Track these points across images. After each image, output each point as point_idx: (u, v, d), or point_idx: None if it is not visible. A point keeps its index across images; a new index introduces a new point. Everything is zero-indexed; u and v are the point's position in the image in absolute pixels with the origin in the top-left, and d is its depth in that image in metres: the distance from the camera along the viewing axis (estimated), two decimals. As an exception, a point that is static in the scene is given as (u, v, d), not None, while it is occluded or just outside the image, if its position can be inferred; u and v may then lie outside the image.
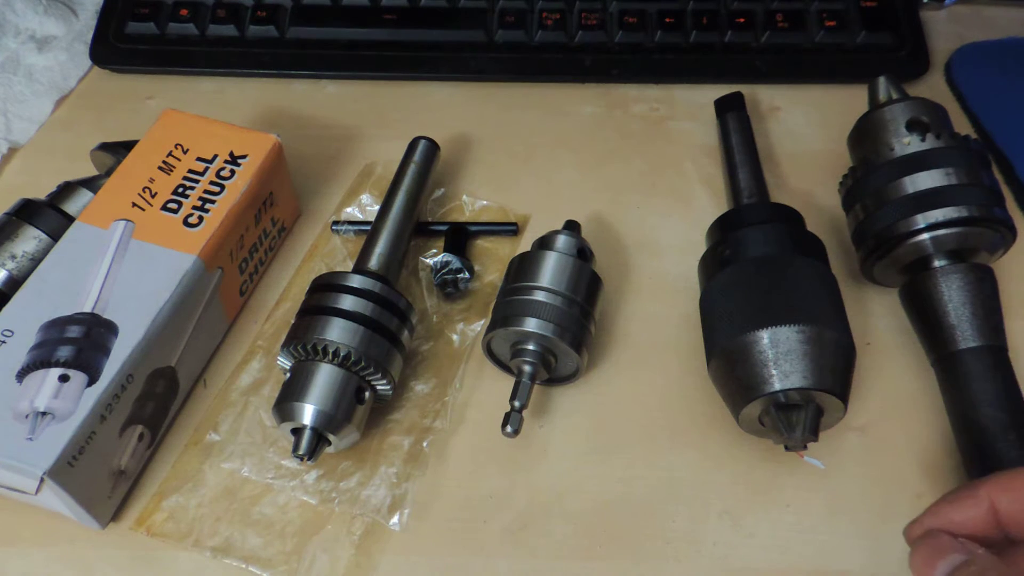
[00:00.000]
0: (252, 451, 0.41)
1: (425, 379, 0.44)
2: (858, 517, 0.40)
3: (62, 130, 0.55)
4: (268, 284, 0.48)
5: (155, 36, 0.58)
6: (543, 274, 0.42)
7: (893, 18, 0.57)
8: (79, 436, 0.35)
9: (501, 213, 0.51)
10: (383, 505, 0.40)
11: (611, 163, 0.53)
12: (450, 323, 0.46)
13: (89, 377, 0.36)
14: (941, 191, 0.41)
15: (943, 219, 0.41)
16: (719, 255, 0.43)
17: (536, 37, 0.57)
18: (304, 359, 0.40)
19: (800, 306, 0.38)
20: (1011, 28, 0.59)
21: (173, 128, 0.45)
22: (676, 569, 0.39)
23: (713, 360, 0.40)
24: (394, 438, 0.42)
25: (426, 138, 0.49)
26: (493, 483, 0.41)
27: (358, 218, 0.50)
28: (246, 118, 0.55)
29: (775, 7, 0.58)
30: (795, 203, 0.46)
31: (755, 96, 0.56)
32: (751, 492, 0.40)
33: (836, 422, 0.39)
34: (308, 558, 0.38)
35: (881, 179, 0.43)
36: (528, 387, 0.40)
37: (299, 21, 0.58)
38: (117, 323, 0.38)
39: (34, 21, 0.59)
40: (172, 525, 0.39)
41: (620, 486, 0.41)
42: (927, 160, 0.42)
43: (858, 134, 0.47)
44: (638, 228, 0.50)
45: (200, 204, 0.42)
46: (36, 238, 0.43)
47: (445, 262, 0.46)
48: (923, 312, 0.43)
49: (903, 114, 0.44)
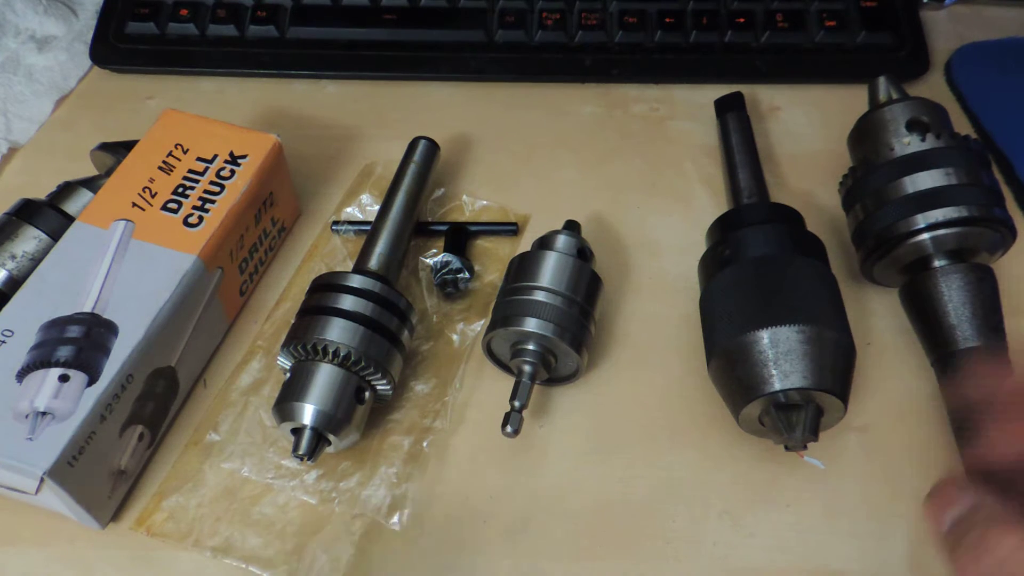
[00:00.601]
0: (252, 451, 0.41)
1: (425, 379, 0.44)
2: (858, 517, 0.40)
3: (62, 130, 0.55)
4: (268, 284, 0.48)
5: (155, 36, 0.58)
6: (543, 274, 0.42)
7: (893, 18, 0.57)
8: (79, 436, 0.35)
9: (501, 213, 0.51)
10: (383, 505, 0.40)
11: (611, 163, 0.53)
12: (450, 323, 0.46)
13: (89, 377, 0.36)
14: (941, 191, 0.41)
15: (943, 219, 0.41)
16: (719, 255, 0.43)
17: (536, 37, 0.57)
18: (304, 359, 0.40)
19: (800, 306, 0.38)
20: (1011, 28, 0.59)
21: (173, 128, 0.45)
22: (676, 569, 0.39)
23: (713, 360, 0.40)
24: (394, 438, 0.42)
25: (426, 138, 0.49)
26: (493, 483, 0.41)
27: (358, 218, 0.50)
28: (246, 118, 0.55)
29: (775, 7, 0.58)
30: (795, 203, 0.46)
31: (755, 96, 0.56)
32: (751, 492, 0.40)
33: (836, 422, 0.39)
34: (308, 558, 0.38)
35: (881, 179, 0.43)
36: (528, 387, 0.40)
37: (299, 21, 0.58)
38: (117, 323, 0.38)
39: (34, 21, 0.59)
40: (172, 525, 0.39)
41: (620, 486, 0.41)
42: (927, 160, 0.42)
43: (858, 134, 0.47)
44: (638, 228, 0.50)
45: (200, 204, 0.42)
46: (36, 238, 0.43)
47: (445, 262, 0.46)
48: (923, 312, 0.43)
49: (903, 114, 0.44)
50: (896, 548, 0.39)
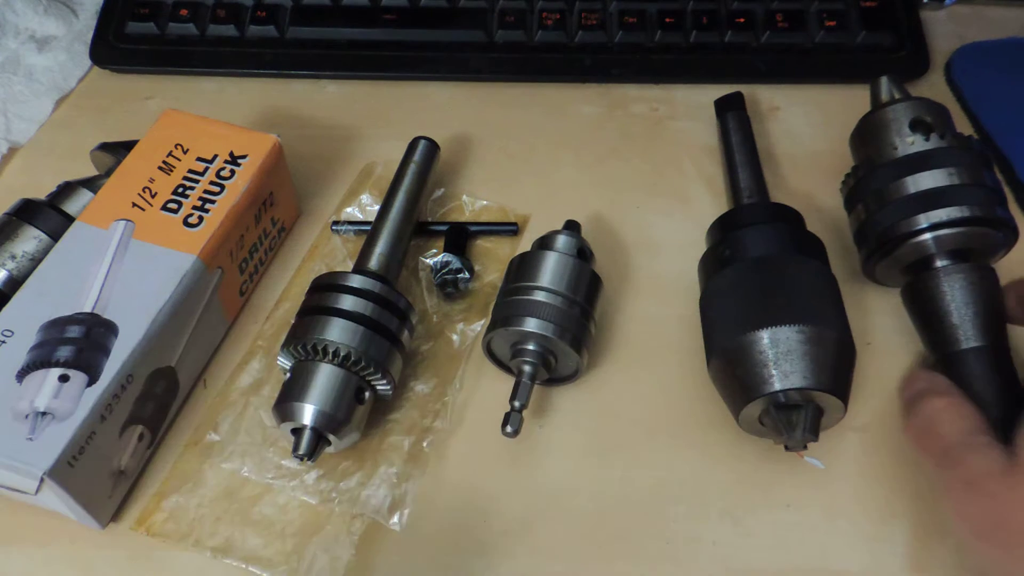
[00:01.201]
0: (252, 451, 0.41)
1: (425, 379, 0.44)
2: (858, 517, 0.40)
3: (62, 130, 0.55)
4: (268, 284, 0.48)
5: (155, 36, 0.58)
6: (543, 274, 0.42)
7: (893, 18, 0.57)
8: (79, 436, 0.35)
9: (501, 213, 0.51)
10: (383, 505, 0.40)
11: (611, 163, 0.53)
12: (450, 323, 0.46)
13: (89, 377, 0.36)
14: (944, 191, 0.41)
15: (946, 219, 0.41)
16: (719, 255, 0.43)
17: (536, 37, 0.57)
18: (304, 359, 0.40)
19: (800, 306, 0.38)
20: (1011, 28, 0.59)
21: (173, 128, 0.45)
22: (676, 569, 0.39)
23: (713, 360, 0.40)
24: (394, 438, 0.42)
25: (426, 138, 0.49)
26: (493, 483, 0.41)
27: (358, 218, 0.50)
28: (246, 118, 0.55)
29: (775, 7, 0.58)
30: (795, 203, 0.46)
31: (755, 96, 0.56)
32: (751, 492, 0.40)
33: (836, 422, 0.39)
34: (308, 558, 0.38)
35: (884, 179, 0.43)
36: (528, 387, 0.40)
37: (299, 21, 0.58)
38: (117, 323, 0.38)
39: (34, 21, 0.59)
40: (172, 525, 0.39)
41: (620, 486, 0.41)
42: (930, 160, 0.42)
43: (860, 134, 0.47)
44: (638, 228, 0.50)
45: (200, 204, 0.42)
46: (36, 238, 0.43)
47: (445, 262, 0.46)
48: (925, 312, 0.43)
49: (907, 114, 0.44)
50: (896, 548, 0.39)
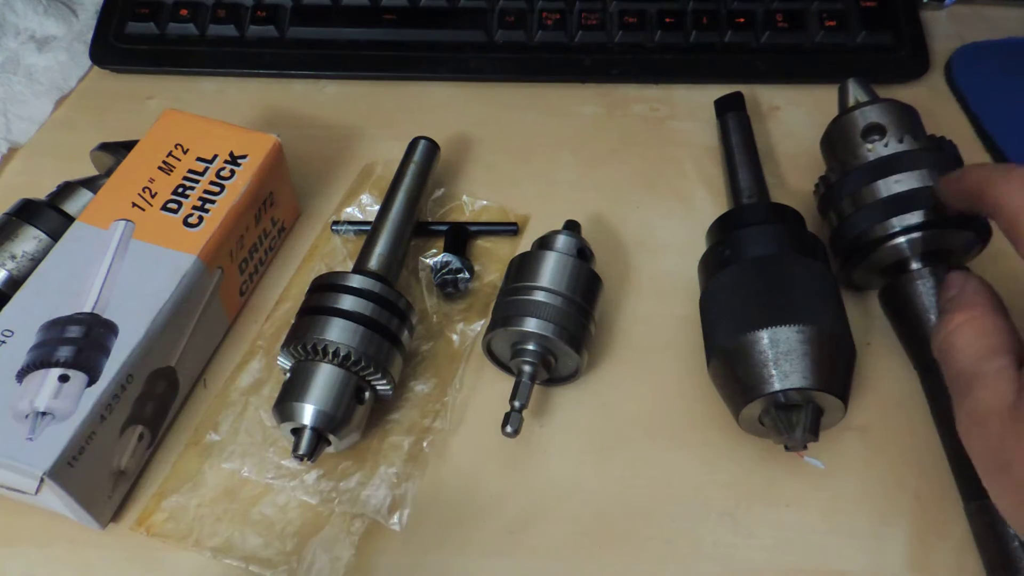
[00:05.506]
0: (252, 451, 0.41)
1: (425, 379, 0.44)
2: (858, 517, 0.40)
3: (62, 130, 0.55)
4: (268, 284, 0.48)
5: (155, 36, 0.58)
6: (543, 274, 0.42)
7: (893, 18, 0.57)
8: (79, 436, 0.35)
9: (501, 213, 0.51)
10: (383, 505, 0.40)
11: (611, 163, 0.53)
12: (450, 323, 0.46)
13: (89, 377, 0.36)
14: (913, 194, 0.41)
15: (916, 222, 0.41)
16: (719, 255, 0.43)
17: (536, 37, 0.57)
18: (304, 359, 0.40)
19: (800, 306, 0.38)
20: (1011, 28, 0.59)
21: (173, 128, 0.45)
22: (676, 569, 0.39)
23: (713, 360, 0.40)
24: (394, 438, 0.42)
25: (426, 138, 0.49)
26: (493, 483, 0.41)
27: (358, 218, 0.50)
28: (246, 118, 0.55)
29: (775, 7, 0.58)
30: (795, 203, 0.46)
31: (755, 96, 0.56)
32: (751, 492, 0.40)
33: (836, 422, 0.39)
34: (308, 558, 0.38)
35: (852, 184, 0.43)
36: (528, 387, 0.40)
37: (299, 21, 0.58)
38: (117, 323, 0.38)
39: (34, 21, 0.59)
40: (172, 525, 0.39)
41: (620, 486, 0.41)
42: (896, 164, 0.42)
43: (828, 139, 0.47)
44: (638, 228, 0.50)
45: (200, 204, 0.42)
46: (36, 238, 0.43)
47: (445, 262, 0.46)
48: (903, 315, 0.42)
49: (863, 119, 0.44)
50: (896, 548, 0.39)
